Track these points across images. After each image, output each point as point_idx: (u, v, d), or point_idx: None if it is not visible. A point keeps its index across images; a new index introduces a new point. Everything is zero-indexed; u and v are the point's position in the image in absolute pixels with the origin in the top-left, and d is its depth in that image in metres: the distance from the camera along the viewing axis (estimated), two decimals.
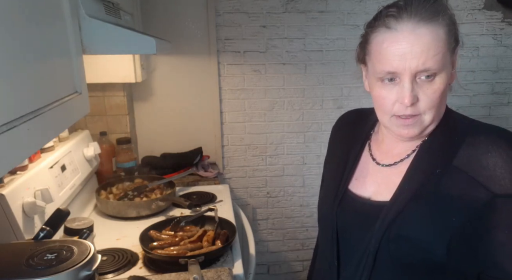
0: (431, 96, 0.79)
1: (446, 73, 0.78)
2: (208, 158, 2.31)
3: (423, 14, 0.76)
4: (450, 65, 0.79)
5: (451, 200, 0.77)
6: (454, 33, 0.79)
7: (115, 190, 1.83)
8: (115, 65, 1.77)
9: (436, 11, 0.77)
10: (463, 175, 0.77)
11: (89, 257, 0.83)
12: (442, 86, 0.79)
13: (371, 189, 0.90)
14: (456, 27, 0.80)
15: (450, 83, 0.82)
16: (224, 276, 1.22)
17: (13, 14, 0.64)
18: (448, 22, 0.77)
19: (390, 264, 0.81)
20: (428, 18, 0.76)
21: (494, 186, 0.74)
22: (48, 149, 1.51)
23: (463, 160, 0.78)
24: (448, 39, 0.77)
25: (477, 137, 0.79)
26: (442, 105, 0.83)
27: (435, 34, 0.76)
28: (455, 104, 2.48)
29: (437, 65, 0.76)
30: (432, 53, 0.76)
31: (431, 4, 0.77)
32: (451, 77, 0.81)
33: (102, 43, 1.03)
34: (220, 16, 2.22)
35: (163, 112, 2.31)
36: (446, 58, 0.78)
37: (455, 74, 0.83)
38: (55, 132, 0.83)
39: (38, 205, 1.21)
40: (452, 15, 0.79)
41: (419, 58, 0.76)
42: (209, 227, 1.54)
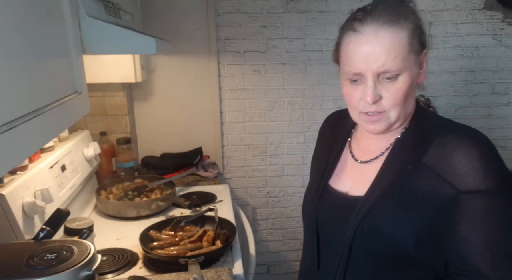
0: (394, 95, 0.83)
1: (410, 74, 0.83)
2: (208, 158, 2.31)
3: (385, 17, 0.81)
4: (416, 66, 0.85)
5: (420, 196, 0.81)
6: (419, 36, 0.84)
7: (115, 190, 1.83)
8: (115, 65, 1.77)
9: (399, 15, 0.82)
10: (431, 172, 0.80)
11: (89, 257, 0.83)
12: (405, 86, 0.83)
13: (349, 184, 0.95)
14: (422, 31, 0.85)
15: (419, 83, 0.88)
16: (224, 276, 1.22)
17: (13, 14, 0.64)
18: (412, 25, 0.82)
19: (364, 256, 0.86)
20: (391, 21, 0.81)
21: (459, 183, 0.77)
22: (48, 149, 1.51)
23: (432, 158, 0.82)
24: (410, 41, 0.82)
25: (446, 136, 0.82)
26: (408, 103, 0.87)
27: (397, 37, 0.81)
28: (455, 104, 2.48)
29: (397, 66, 0.81)
30: (393, 55, 0.80)
31: (394, 8, 0.82)
32: (419, 77, 0.87)
33: (102, 43, 1.03)
34: (220, 16, 2.22)
35: (163, 112, 2.31)
36: (409, 60, 0.82)
37: (424, 74, 0.88)
38: (55, 132, 0.83)
39: (38, 205, 1.21)
40: (418, 19, 0.84)
41: (380, 60, 0.80)
42: (209, 227, 1.54)
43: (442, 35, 2.37)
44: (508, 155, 2.58)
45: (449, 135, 0.83)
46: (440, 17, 2.34)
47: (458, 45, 2.39)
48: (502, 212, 0.76)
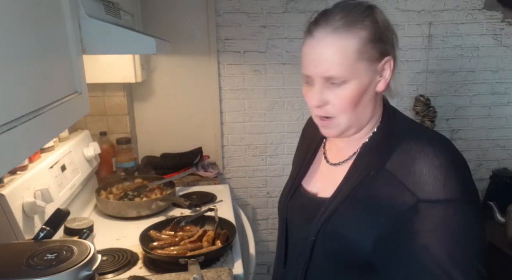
0: (339, 101, 0.82)
1: (359, 82, 0.81)
2: (208, 158, 2.31)
3: (337, 23, 0.80)
4: (370, 74, 0.82)
5: (381, 202, 0.80)
6: (376, 44, 0.81)
7: (115, 190, 1.83)
8: (115, 65, 1.77)
9: (351, 21, 0.80)
10: (393, 179, 0.79)
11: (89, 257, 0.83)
12: (351, 94, 0.82)
13: (319, 185, 0.95)
14: (382, 38, 0.81)
15: (379, 91, 0.85)
16: (224, 276, 1.22)
17: (13, 14, 0.64)
18: (365, 33, 0.80)
19: (325, 258, 0.86)
20: (341, 27, 0.79)
21: (419, 191, 0.75)
22: (48, 149, 1.51)
23: (395, 164, 0.80)
24: (361, 49, 0.79)
25: (410, 143, 0.81)
26: (359, 110, 0.85)
27: (344, 44, 0.79)
28: (455, 104, 2.48)
29: (341, 73, 0.80)
30: (338, 62, 0.79)
31: (348, 13, 0.81)
32: (378, 85, 0.84)
33: (102, 43, 1.03)
34: (220, 16, 2.22)
35: (163, 112, 2.31)
36: (358, 68, 0.80)
37: (386, 83, 0.84)
38: (55, 132, 0.83)
39: (38, 205, 1.21)
40: (378, 26, 0.81)
41: (324, 65, 0.81)
42: (209, 227, 1.54)
43: (442, 35, 2.37)
44: (508, 155, 2.58)
45: (413, 142, 0.81)
46: (440, 17, 2.34)
47: (458, 45, 2.39)
48: (461, 222, 0.74)
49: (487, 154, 2.57)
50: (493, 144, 2.56)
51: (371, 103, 0.86)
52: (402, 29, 2.34)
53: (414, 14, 2.33)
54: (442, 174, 0.75)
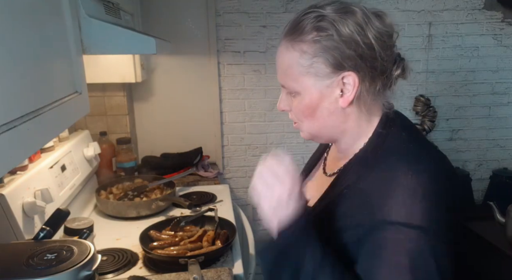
0: (295, 110, 0.82)
1: (309, 96, 0.78)
2: (208, 158, 2.31)
3: (289, 30, 0.78)
4: (323, 89, 0.77)
5: (349, 221, 0.77)
6: (325, 59, 0.74)
7: (115, 190, 1.83)
8: (115, 65, 1.77)
9: (297, 35, 0.76)
10: (364, 199, 0.75)
11: (89, 257, 0.83)
12: (302, 106, 0.79)
13: (310, 193, 0.92)
14: (337, 53, 0.73)
15: (342, 106, 0.78)
16: (224, 276, 1.22)
17: (13, 15, 0.64)
18: (311, 47, 0.74)
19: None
20: (292, 39, 0.77)
21: (378, 211, 0.72)
22: (48, 149, 1.51)
23: (370, 183, 0.76)
24: (303, 63, 0.76)
25: (389, 164, 0.76)
26: (320, 122, 0.81)
27: (288, 56, 0.77)
28: (455, 104, 2.48)
29: (288, 85, 0.79)
30: (287, 73, 0.78)
31: (296, 25, 0.76)
32: (341, 100, 0.77)
33: (102, 43, 1.03)
34: (220, 16, 2.22)
35: (163, 112, 2.31)
36: (303, 82, 0.77)
37: (348, 99, 0.77)
38: (55, 132, 0.84)
39: (38, 205, 1.21)
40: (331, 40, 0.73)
41: (278, 74, 0.81)
42: (209, 227, 1.54)
43: (442, 35, 2.37)
44: (508, 155, 2.58)
45: (394, 162, 0.76)
46: (440, 17, 2.34)
47: (458, 45, 2.39)
48: (410, 251, 0.68)
49: (487, 154, 2.57)
50: (493, 144, 2.56)
51: (338, 117, 0.80)
52: (402, 29, 2.34)
53: (414, 14, 2.33)
54: (403, 196, 0.70)
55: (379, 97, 0.81)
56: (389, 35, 0.77)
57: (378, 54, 0.75)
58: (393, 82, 0.82)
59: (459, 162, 2.56)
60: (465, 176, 2.43)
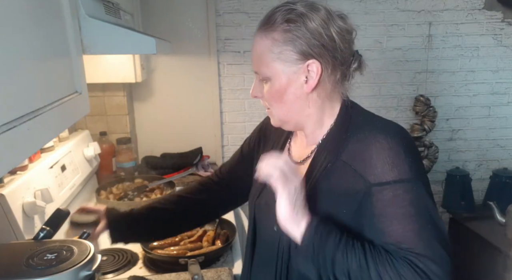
0: (266, 96, 0.89)
1: (279, 81, 0.86)
2: (208, 158, 2.31)
3: (263, 22, 0.86)
4: (290, 74, 0.85)
5: (340, 193, 0.83)
6: (293, 47, 0.83)
7: (115, 190, 1.83)
8: (115, 65, 1.77)
9: (270, 25, 0.84)
10: (349, 168, 0.82)
11: (89, 257, 0.83)
12: (271, 91, 0.87)
13: None
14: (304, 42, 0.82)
15: (307, 92, 0.86)
16: (224, 276, 1.22)
17: (13, 15, 0.64)
18: (281, 35, 0.83)
19: (288, 256, 0.87)
20: (264, 29, 0.85)
21: (370, 176, 0.79)
22: (48, 149, 1.51)
23: (349, 154, 0.84)
24: (274, 50, 0.84)
25: (363, 132, 0.84)
26: (288, 107, 0.88)
27: (262, 44, 0.86)
28: (455, 104, 2.48)
29: (260, 71, 0.87)
30: (258, 60, 0.87)
31: (270, 16, 0.85)
32: (305, 86, 0.85)
33: (102, 43, 1.03)
34: (220, 16, 2.22)
35: (163, 112, 2.31)
36: (274, 68, 0.85)
37: (312, 84, 0.85)
38: (55, 132, 0.83)
39: (38, 205, 1.21)
40: (300, 31, 0.82)
41: (253, 62, 0.89)
42: (209, 227, 1.54)
43: (442, 35, 2.37)
44: (508, 155, 2.58)
45: (367, 131, 0.84)
46: (440, 17, 2.34)
47: (458, 45, 2.39)
48: (412, 201, 0.77)
49: (487, 154, 2.57)
50: (493, 144, 2.56)
51: (303, 102, 0.88)
52: (402, 29, 2.34)
53: (414, 14, 2.33)
54: (390, 157, 0.79)
55: (338, 86, 0.90)
56: (348, 31, 0.87)
57: (338, 46, 0.84)
58: (351, 75, 0.91)
59: (459, 162, 2.56)
60: (465, 176, 2.43)
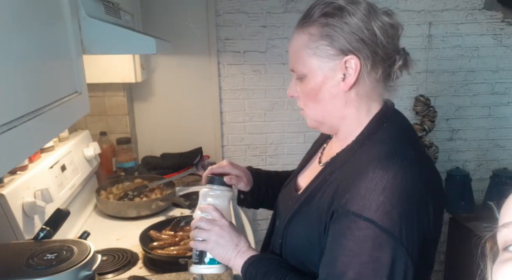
0: (301, 95, 0.86)
1: (314, 78, 0.82)
2: (208, 158, 2.31)
3: (301, 17, 0.83)
4: (327, 72, 0.81)
5: (320, 209, 0.80)
6: (331, 42, 0.79)
7: (115, 190, 1.83)
8: (115, 65, 1.77)
9: (307, 20, 0.81)
10: (336, 185, 0.78)
11: (89, 257, 0.83)
12: (308, 88, 0.83)
13: (304, 182, 0.96)
14: (342, 37, 0.78)
15: (344, 90, 0.81)
16: (224, 276, 1.22)
17: (13, 15, 0.64)
18: (318, 30, 0.80)
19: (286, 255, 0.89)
20: (302, 24, 0.83)
21: (343, 199, 0.74)
22: (48, 149, 1.51)
23: (344, 171, 0.80)
24: (311, 45, 0.80)
25: (366, 155, 0.78)
26: (322, 106, 0.85)
27: (300, 39, 0.82)
28: (455, 104, 2.48)
29: (298, 67, 0.83)
30: (295, 57, 0.84)
31: (312, 7, 0.82)
32: (341, 84, 0.81)
33: (102, 43, 1.03)
34: (220, 16, 2.22)
35: (163, 112, 2.30)
36: (311, 64, 0.81)
37: (350, 82, 0.80)
38: (55, 132, 0.84)
39: (38, 205, 1.21)
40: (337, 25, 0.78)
41: (289, 60, 0.86)
42: None
43: (442, 35, 2.37)
44: (509, 155, 2.58)
45: (370, 156, 0.77)
46: (440, 17, 2.34)
47: (458, 45, 2.39)
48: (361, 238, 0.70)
49: (487, 154, 2.57)
50: (493, 144, 2.56)
51: (339, 101, 0.82)
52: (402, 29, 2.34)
53: (414, 14, 2.33)
54: (368, 192, 0.71)
55: (380, 84, 0.84)
56: (392, 26, 0.83)
57: (380, 41, 0.80)
58: (395, 73, 0.85)
59: (459, 162, 2.56)
60: (465, 176, 2.44)
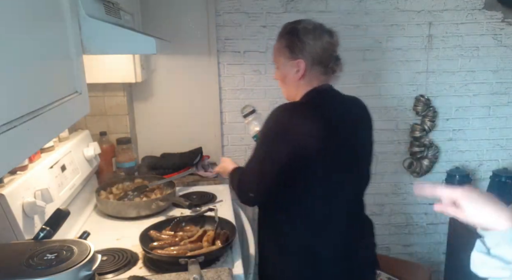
0: (278, 78, 1.44)
1: (281, 70, 1.40)
2: (208, 158, 2.31)
3: (279, 34, 1.41)
4: (288, 67, 1.37)
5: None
6: (289, 49, 1.35)
7: (115, 190, 1.83)
8: (115, 65, 1.77)
9: (281, 34, 1.40)
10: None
11: (89, 257, 0.83)
12: (278, 75, 1.43)
13: None
14: (294, 47, 1.33)
15: (298, 79, 1.36)
16: (224, 276, 1.22)
17: (13, 15, 0.64)
18: (283, 42, 1.37)
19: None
20: (278, 36, 1.41)
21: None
22: (48, 149, 1.51)
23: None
24: (280, 50, 1.38)
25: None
26: (287, 87, 1.42)
27: (277, 45, 1.40)
28: (455, 104, 2.48)
29: (276, 62, 1.43)
30: (275, 56, 1.43)
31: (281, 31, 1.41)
32: (296, 75, 1.35)
33: (102, 43, 1.03)
34: (220, 16, 2.22)
35: (163, 112, 2.31)
36: (279, 61, 1.40)
37: (299, 75, 1.35)
38: (55, 132, 0.84)
39: (38, 205, 1.21)
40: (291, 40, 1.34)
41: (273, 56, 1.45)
42: (209, 227, 1.54)
43: (442, 35, 2.37)
44: (509, 155, 2.58)
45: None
46: (440, 17, 2.34)
47: (458, 45, 2.39)
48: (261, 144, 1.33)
49: (487, 154, 2.57)
50: (493, 144, 2.56)
51: (295, 85, 1.38)
52: (402, 29, 2.35)
53: (414, 14, 2.33)
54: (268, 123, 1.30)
55: (318, 76, 1.36)
56: (330, 43, 1.35)
57: (319, 52, 1.33)
58: (330, 70, 1.37)
59: (459, 162, 2.56)
60: (465, 176, 2.44)
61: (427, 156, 2.49)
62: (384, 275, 2.34)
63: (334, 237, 1.34)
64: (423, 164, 2.50)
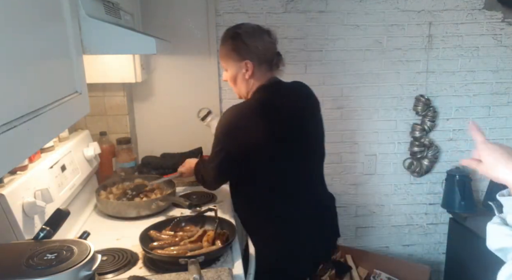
0: (228, 80, 1.60)
1: (231, 70, 1.56)
2: None
3: (222, 38, 1.57)
4: (236, 68, 1.54)
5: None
6: (236, 52, 1.51)
7: (115, 190, 1.83)
8: (115, 65, 1.77)
9: (223, 39, 1.56)
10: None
11: (89, 257, 0.83)
12: (227, 76, 1.59)
13: None
14: (241, 50, 1.50)
15: (247, 78, 1.54)
16: (224, 276, 1.22)
17: (13, 15, 0.64)
18: (229, 46, 1.52)
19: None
20: (221, 40, 1.57)
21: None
22: (48, 149, 1.51)
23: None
24: (227, 53, 1.54)
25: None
26: (237, 86, 1.59)
27: (224, 50, 1.55)
28: (455, 104, 2.48)
29: (224, 65, 1.58)
30: (223, 59, 1.57)
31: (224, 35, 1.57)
32: (245, 75, 1.53)
33: (102, 43, 1.03)
34: (220, 16, 2.22)
35: (163, 112, 2.31)
36: (228, 63, 1.55)
37: (248, 75, 1.53)
38: (55, 132, 0.84)
39: (38, 205, 1.21)
40: (235, 44, 1.51)
41: (220, 60, 1.61)
42: (209, 227, 1.54)
43: (442, 35, 2.37)
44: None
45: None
46: (440, 17, 2.34)
47: (458, 45, 2.39)
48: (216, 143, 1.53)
49: None
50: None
51: (245, 83, 1.56)
52: (402, 29, 2.35)
53: (414, 14, 2.33)
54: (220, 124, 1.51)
55: (265, 73, 1.55)
56: (270, 42, 1.53)
57: (262, 51, 1.51)
58: (274, 65, 1.55)
59: (459, 162, 2.56)
60: (465, 176, 2.43)
61: (427, 156, 2.49)
62: (384, 275, 2.34)
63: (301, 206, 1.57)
64: (423, 164, 2.50)
